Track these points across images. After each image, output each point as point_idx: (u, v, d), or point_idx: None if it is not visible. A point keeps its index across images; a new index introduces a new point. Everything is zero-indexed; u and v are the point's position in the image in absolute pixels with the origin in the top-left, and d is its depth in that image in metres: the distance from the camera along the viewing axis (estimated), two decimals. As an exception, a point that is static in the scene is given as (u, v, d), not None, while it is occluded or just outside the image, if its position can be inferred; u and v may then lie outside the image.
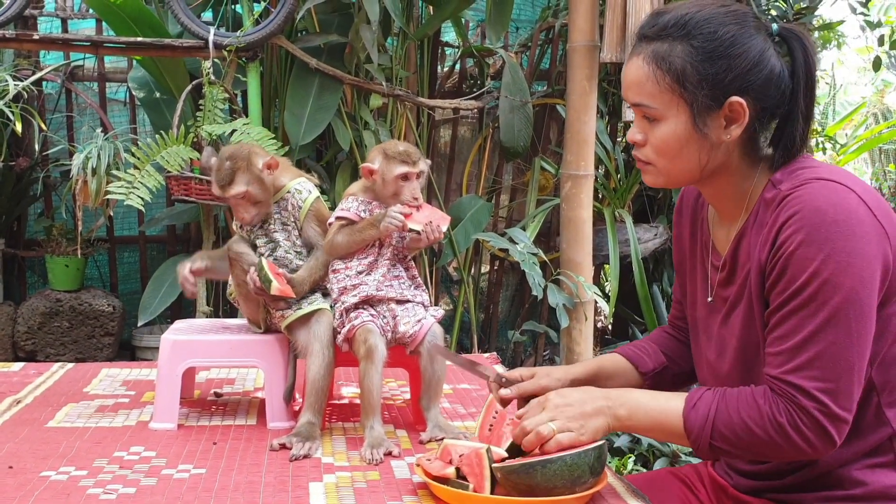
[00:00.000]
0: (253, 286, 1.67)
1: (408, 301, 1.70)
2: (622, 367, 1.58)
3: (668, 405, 1.33)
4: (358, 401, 1.94)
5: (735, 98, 1.29)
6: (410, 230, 1.65)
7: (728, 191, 1.38)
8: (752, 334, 1.35)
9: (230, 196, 1.69)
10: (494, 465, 1.31)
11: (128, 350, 4.12)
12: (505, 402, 1.48)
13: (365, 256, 1.69)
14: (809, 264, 1.23)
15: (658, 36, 1.32)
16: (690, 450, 3.11)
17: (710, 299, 1.43)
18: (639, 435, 2.67)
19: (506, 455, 1.39)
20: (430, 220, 1.66)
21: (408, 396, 1.97)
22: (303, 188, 1.75)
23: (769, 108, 1.32)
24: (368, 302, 1.67)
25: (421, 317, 1.68)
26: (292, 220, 1.75)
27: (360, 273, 1.68)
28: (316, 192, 1.77)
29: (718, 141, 1.32)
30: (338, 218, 1.70)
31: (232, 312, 3.57)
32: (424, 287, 1.77)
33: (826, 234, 1.23)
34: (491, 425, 1.47)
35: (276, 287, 1.64)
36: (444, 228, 1.69)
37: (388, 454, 1.56)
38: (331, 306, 1.72)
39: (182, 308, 4.12)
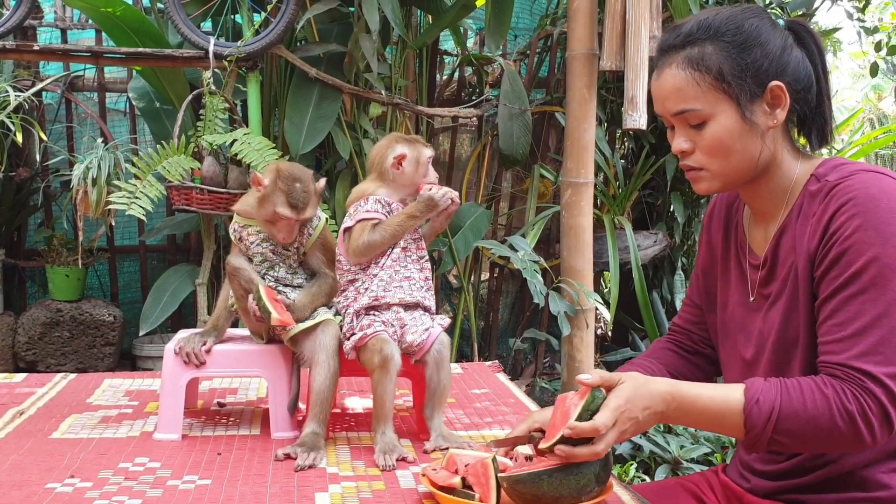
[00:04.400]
0: (253, 315, 1.68)
1: (416, 304, 1.70)
2: None
3: (727, 402, 1.28)
4: (361, 411, 1.95)
5: (774, 82, 1.33)
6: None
7: (771, 187, 1.39)
8: (791, 328, 1.35)
9: (301, 218, 1.69)
10: (500, 474, 1.31)
11: (128, 360, 4.12)
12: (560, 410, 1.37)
13: (381, 260, 1.69)
14: (867, 248, 1.24)
15: (685, 43, 1.35)
16: (693, 456, 3.13)
17: (752, 299, 1.43)
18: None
19: (510, 464, 1.40)
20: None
21: (410, 404, 1.97)
22: None
23: (803, 89, 1.36)
24: (377, 308, 1.67)
25: (428, 326, 1.68)
26: (295, 245, 1.75)
27: (375, 277, 1.68)
28: (324, 217, 1.78)
29: (766, 128, 1.35)
30: (362, 221, 1.68)
31: (233, 322, 3.57)
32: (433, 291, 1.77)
33: (882, 219, 1.24)
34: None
35: (276, 318, 1.64)
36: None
37: (402, 459, 1.56)
38: (336, 313, 1.72)
39: (183, 317, 4.12)
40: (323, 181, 1.76)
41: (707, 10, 1.39)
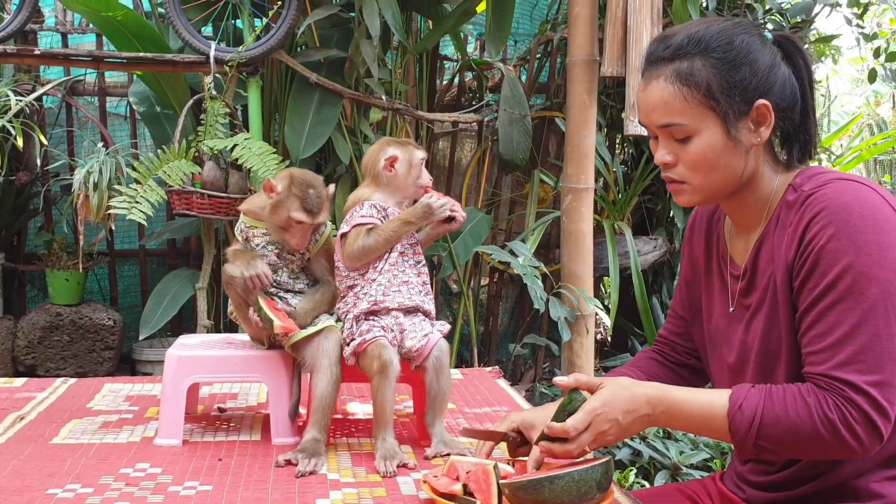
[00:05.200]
0: (256, 325, 1.69)
1: (415, 308, 1.70)
2: None
3: (712, 406, 1.31)
4: (362, 416, 1.95)
5: (761, 101, 1.33)
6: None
7: (751, 200, 1.40)
8: (774, 338, 1.35)
9: (315, 223, 1.69)
10: (501, 481, 1.32)
11: (128, 364, 4.11)
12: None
13: (379, 265, 1.69)
14: (842, 257, 1.24)
15: (674, 56, 1.34)
16: (692, 462, 3.13)
17: (731, 309, 1.44)
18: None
19: (512, 471, 1.40)
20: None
21: (411, 411, 1.97)
22: None
23: (787, 107, 1.36)
24: (376, 313, 1.67)
25: (427, 331, 1.68)
26: (301, 250, 1.75)
27: (373, 281, 1.68)
28: (330, 225, 1.79)
29: (750, 145, 1.35)
30: (357, 225, 1.68)
31: (232, 327, 3.57)
32: (432, 295, 1.77)
33: (855, 227, 1.24)
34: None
35: (279, 326, 1.65)
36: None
37: (403, 466, 1.56)
38: (337, 320, 1.73)
39: (182, 322, 4.12)
40: (332, 186, 1.76)
41: (698, 23, 1.38)
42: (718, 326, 1.49)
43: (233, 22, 3.64)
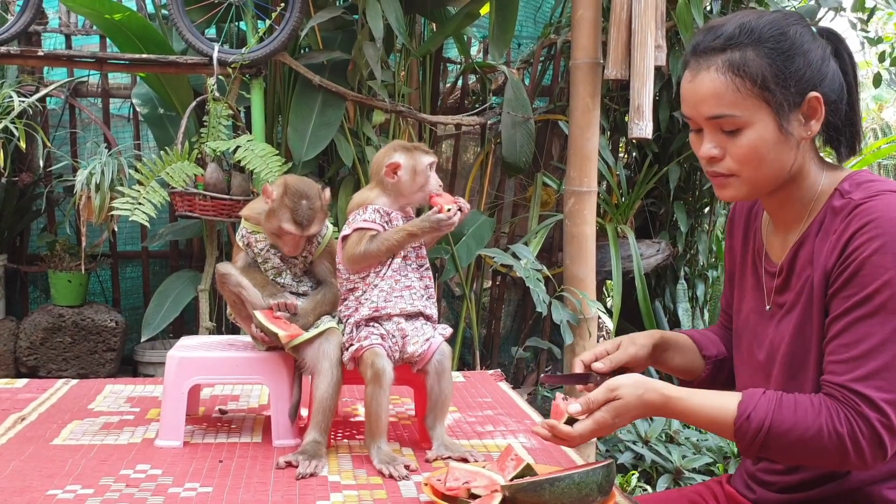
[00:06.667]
0: (261, 342, 1.70)
1: (418, 314, 1.69)
2: (689, 345, 1.60)
3: (720, 413, 1.31)
4: (362, 418, 1.95)
5: (813, 93, 1.30)
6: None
7: (795, 197, 1.38)
8: (803, 341, 1.34)
9: (305, 234, 1.70)
10: (502, 482, 1.31)
11: (130, 365, 4.11)
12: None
13: (381, 270, 1.68)
14: (883, 272, 1.22)
15: (725, 46, 1.31)
16: (694, 466, 3.12)
17: (768, 307, 1.43)
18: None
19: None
20: (457, 201, 1.69)
21: (412, 413, 1.97)
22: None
23: (836, 101, 1.34)
24: (377, 319, 1.67)
25: (429, 335, 1.68)
26: (303, 254, 1.75)
27: (375, 287, 1.68)
28: (332, 228, 1.79)
29: (800, 138, 1.33)
30: (359, 229, 1.67)
31: (234, 329, 3.57)
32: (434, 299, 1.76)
33: None
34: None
35: (285, 335, 1.65)
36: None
37: (405, 468, 1.56)
38: (339, 321, 1.72)
39: (184, 323, 4.12)
40: (328, 193, 1.76)
41: (747, 13, 1.35)
42: (748, 322, 1.48)
43: (236, 24, 3.64)
